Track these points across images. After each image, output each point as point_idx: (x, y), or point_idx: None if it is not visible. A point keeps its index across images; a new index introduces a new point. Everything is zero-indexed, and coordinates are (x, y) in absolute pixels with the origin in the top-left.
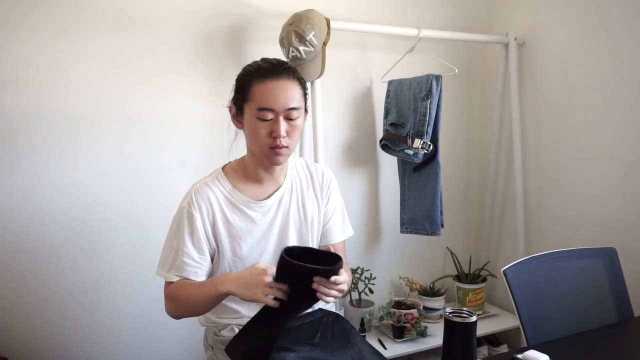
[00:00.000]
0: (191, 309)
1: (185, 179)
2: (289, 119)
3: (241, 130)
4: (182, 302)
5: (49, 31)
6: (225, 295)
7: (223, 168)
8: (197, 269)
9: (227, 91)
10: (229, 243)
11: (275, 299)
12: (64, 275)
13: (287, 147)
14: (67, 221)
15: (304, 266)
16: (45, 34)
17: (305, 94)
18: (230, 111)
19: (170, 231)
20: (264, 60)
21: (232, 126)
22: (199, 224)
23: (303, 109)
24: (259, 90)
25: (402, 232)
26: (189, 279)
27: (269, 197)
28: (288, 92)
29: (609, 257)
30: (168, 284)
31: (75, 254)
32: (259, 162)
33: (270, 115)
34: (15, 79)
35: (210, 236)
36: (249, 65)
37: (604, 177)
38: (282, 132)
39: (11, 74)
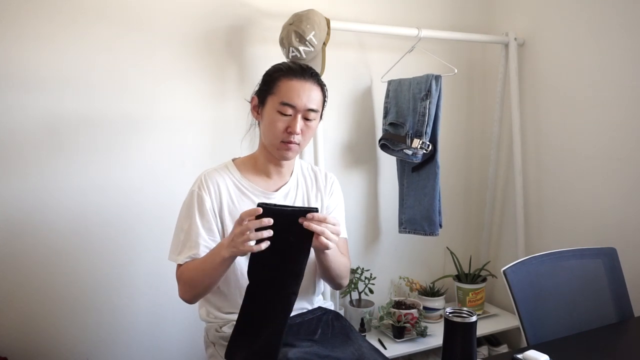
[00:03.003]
0: (199, 283)
1: (185, 179)
2: (306, 118)
3: (256, 123)
4: (191, 279)
5: (47, 31)
6: (227, 260)
7: (233, 160)
8: (207, 249)
9: (228, 91)
10: (230, 224)
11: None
12: (64, 275)
13: (298, 144)
14: (65, 223)
15: (280, 210)
16: (43, 33)
17: (324, 101)
18: (251, 102)
19: (180, 215)
20: (294, 62)
21: (249, 118)
22: (208, 205)
23: (319, 114)
24: (285, 86)
25: (400, 232)
26: (198, 259)
27: (276, 190)
28: (311, 94)
29: (609, 257)
30: (179, 266)
31: (74, 255)
32: (269, 157)
33: (290, 111)
34: (12, 79)
35: (217, 219)
36: (279, 63)
37: (604, 177)
38: (298, 130)
39: (4, 72)
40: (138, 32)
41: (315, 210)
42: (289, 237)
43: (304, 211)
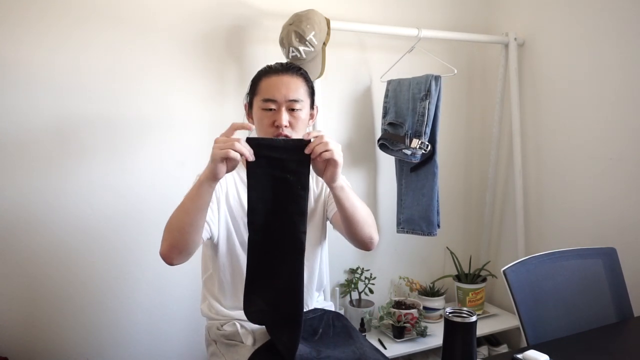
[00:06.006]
0: (177, 222)
1: (185, 179)
2: (291, 109)
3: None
4: (170, 220)
5: (46, 31)
6: (204, 184)
7: None
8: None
9: (228, 91)
10: (236, 215)
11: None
12: (65, 276)
13: (290, 137)
14: (65, 224)
15: (272, 140)
16: (42, 33)
17: (311, 91)
18: (245, 109)
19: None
20: (276, 63)
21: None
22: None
23: (307, 104)
24: (264, 84)
25: (398, 232)
26: None
27: None
28: (290, 85)
29: (609, 257)
30: None
31: (75, 255)
32: None
33: (273, 106)
34: (13, 79)
35: (223, 202)
36: (262, 67)
37: (604, 177)
38: (284, 122)
39: (5, 73)
40: (137, 32)
41: (308, 141)
42: (286, 176)
43: (297, 143)
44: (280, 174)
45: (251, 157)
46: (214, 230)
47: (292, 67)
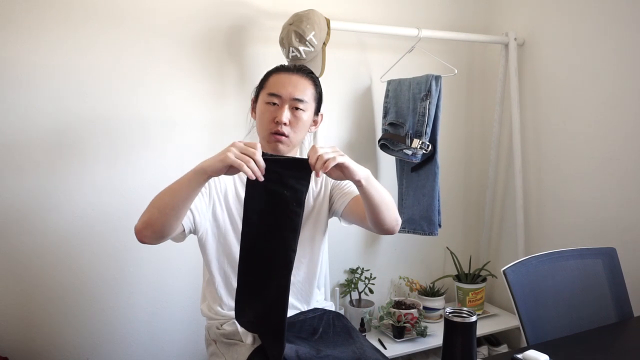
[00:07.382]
0: (160, 201)
1: None
2: (294, 108)
3: (255, 124)
4: (154, 198)
5: (45, 31)
6: (198, 173)
7: None
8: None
9: (228, 91)
10: (235, 214)
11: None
12: (64, 276)
13: (287, 136)
14: (65, 224)
15: (275, 158)
16: (42, 34)
17: (318, 97)
18: (251, 103)
19: None
20: (290, 63)
21: (249, 119)
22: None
23: (312, 107)
24: (273, 79)
25: (400, 231)
26: None
27: None
28: (297, 85)
29: (608, 257)
30: None
31: (75, 255)
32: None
33: (276, 101)
34: (8, 79)
35: (222, 201)
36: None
37: (604, 177)
38: (284, 119)
39: (5, 73)
40: (137, 32)
41: (307, 160)
42: (283, 191)
43: (298, 161)
44: (277, 188)
45: (261, 177)
46: (200, 223)
47: (304, 70)
